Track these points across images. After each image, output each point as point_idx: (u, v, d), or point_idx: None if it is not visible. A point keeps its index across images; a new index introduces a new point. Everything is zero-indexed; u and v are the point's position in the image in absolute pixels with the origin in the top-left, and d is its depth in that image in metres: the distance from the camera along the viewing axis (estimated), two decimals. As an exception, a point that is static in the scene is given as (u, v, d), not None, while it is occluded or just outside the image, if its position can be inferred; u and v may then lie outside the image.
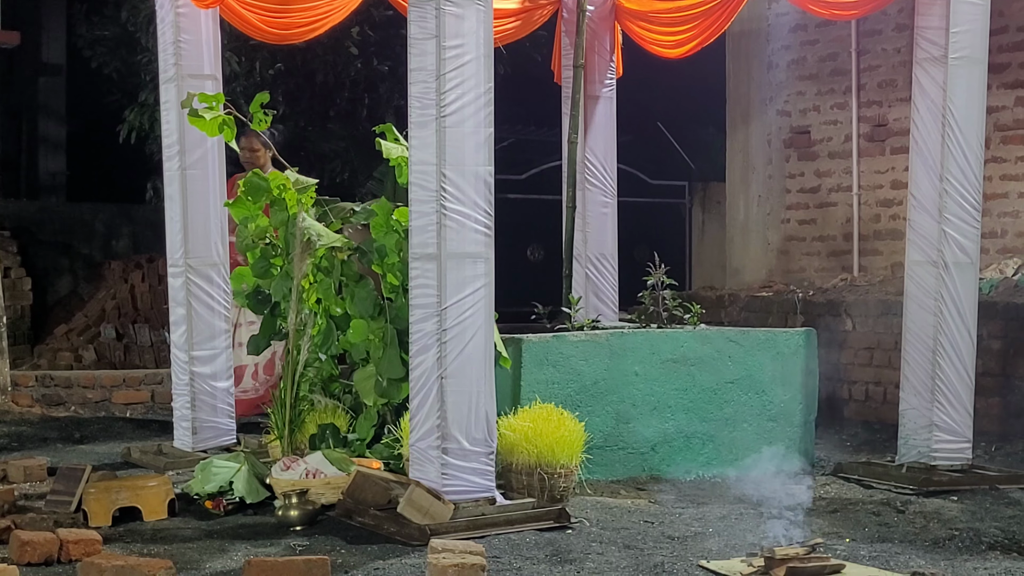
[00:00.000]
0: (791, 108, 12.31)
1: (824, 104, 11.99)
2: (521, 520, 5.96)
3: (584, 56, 8.74)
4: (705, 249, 15.89)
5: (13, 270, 12.94)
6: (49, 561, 5.27)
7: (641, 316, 7.87)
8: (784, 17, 12.08)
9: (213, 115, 7.26)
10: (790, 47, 12.25)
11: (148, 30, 11.96)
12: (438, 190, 5.83)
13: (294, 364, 7.03)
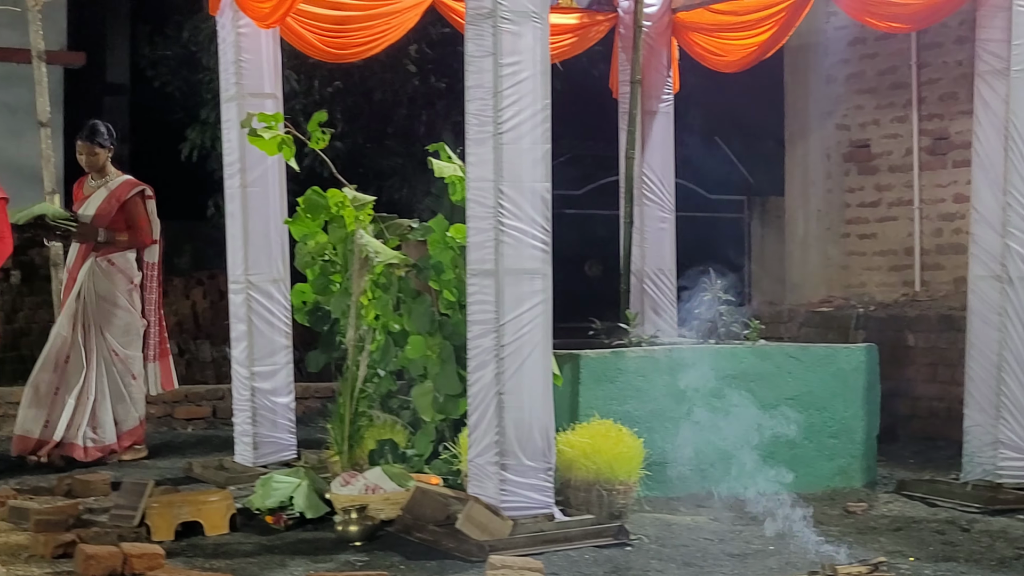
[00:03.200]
0: (850, 122, 12.23)
1: (884, 118, 11.91)
2: (580, 537, 5.95)
3: (641, 71, 8.75)
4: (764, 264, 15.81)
5: (78, 287, 13.08)
6: (113, 575, 5.32)
7: (699, 332, 7.85)
8: (843, 31, 12.01)
9: (272, 134, 7.32)
10: (849, 60, 12.18)
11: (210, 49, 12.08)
12: (495, 206, 5.85)
13: (353, 380, 7.06)
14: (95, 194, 8.61)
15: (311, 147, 7.42)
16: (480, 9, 5.91)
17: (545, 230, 5.94)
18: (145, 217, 8.63)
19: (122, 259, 8.56)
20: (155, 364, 8.75)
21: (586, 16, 9.05)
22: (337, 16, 8.20)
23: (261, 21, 7.70)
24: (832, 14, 12.00)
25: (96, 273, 8.46)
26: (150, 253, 8.71)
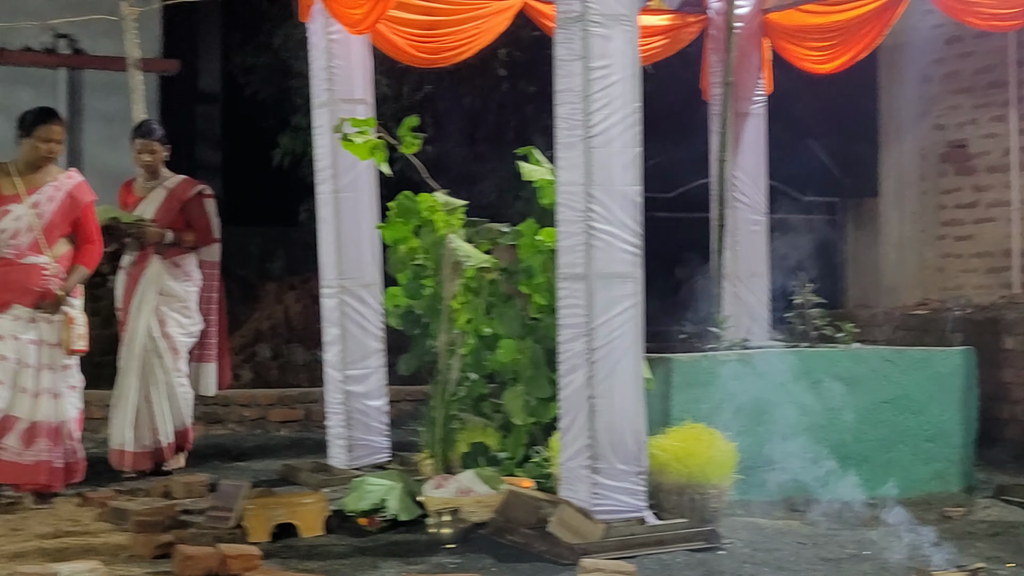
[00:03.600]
0: (946, 122, 12.08)
1: (981, 117, 11.74)
2: (672, 540, 5.93)
3: (732, 73, 8.69)
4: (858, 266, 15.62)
5: (173, 292, 13.25)
6: (210, 575, 5.39)
7: (791, 335, 7.78)
8: (939, 29, 11.86)
9: (364, 139, 7.38)
10: (945, 60, 12.03)
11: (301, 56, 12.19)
12: (585, 210, 5.84)
13: (445, 383, 7.10)
14: (151, 195, 8.31)
15: (402, 152, 7.47)
16: (569, 13, 5.91)
17: (636, 234, 5.92)
18: (206, 216, 8.40)
19: (186, 260, 8.33)
20: (213, 364, 8.55)
21: (677, 18, 9.02)
22: (428, 21, 8.24)
23: (352, 27, 7.76)
24: (927, 12, 11.84)
25: (161, 274, 8.20)
26: (210, 252, 8.53)
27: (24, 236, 7.13)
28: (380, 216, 7.94)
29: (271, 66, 14.96)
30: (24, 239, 7.13)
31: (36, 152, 7.24)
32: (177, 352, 8.20)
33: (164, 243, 8.18)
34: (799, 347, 7.58)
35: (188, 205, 8.31)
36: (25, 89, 15.36)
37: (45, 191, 7.22)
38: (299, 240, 14.24)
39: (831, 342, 7.67)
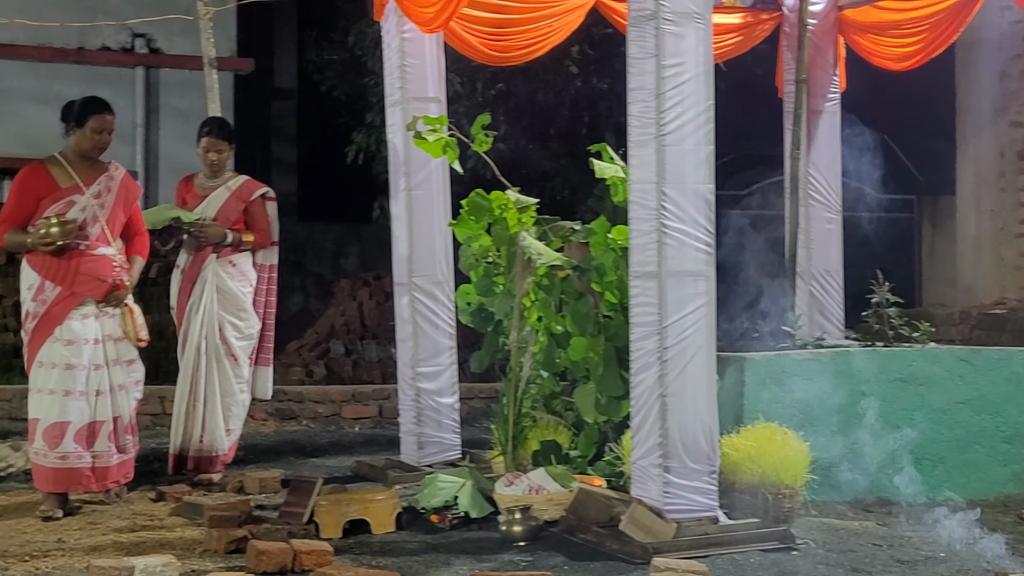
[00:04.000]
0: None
1: (1060, 114, 11.59)
2: (744, 540, 5.90)
3: (806, 70, 8.62)
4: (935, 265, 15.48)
5: (248, 288, 13.36)
6: (283, 571, 5.43)
7: (867, 334, 7.72)
8: (1017, 25, 11.71)
9: (437, 137, 7.40)
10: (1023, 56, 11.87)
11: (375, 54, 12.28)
12: (658, 208, 5.82)
13: (516, 381, 7.11)
14: (214, 194, 8.04)
15: (474, 150, 7.49)
16: (642, 11, 5.90)
17: (709, 232, 5.90)
18: (266, 218, 8.14)
19: (243, 260, 8.06)
20: (270, 368, 8.28)
21: (750, 15, 8.96)
22: (501, 19, 8.25)
23: (424, 26, 7.78)
24: (1006, 8, 11.70)
25: (220, 275, 7.96)
26: (266, 256, 8.22)
27: (92, 227, 6.97)
28: (452, 214, 7.96)
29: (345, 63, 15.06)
30: (93, 230, 6.98)
31: (89, 143, 7.04)
32: (236, 358, 7.98)
33: (224, 244, 7.96)
34: (874, 346, 7.51)
35: (250, 206, 8.09)
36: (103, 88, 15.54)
37: (101, 182, 7.06)
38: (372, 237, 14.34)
39: (907, 341, 7.59)
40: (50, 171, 6.99)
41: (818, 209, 8.92)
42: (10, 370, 11.76)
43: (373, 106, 13.27)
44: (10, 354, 11.92)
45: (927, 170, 16.18)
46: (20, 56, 15.22)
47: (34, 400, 6.88)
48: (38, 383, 6.88)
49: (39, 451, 6.81)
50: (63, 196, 6.96)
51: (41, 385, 6.86)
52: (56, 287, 6.87)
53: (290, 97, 18.55)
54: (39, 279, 6.91)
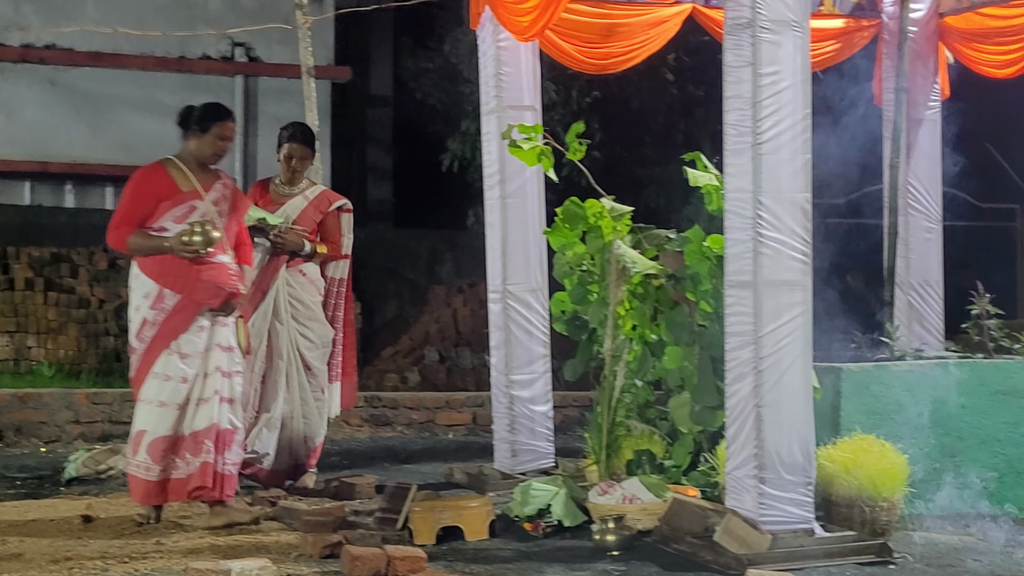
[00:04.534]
0: None
1: None
2: (840, 553, 5.84)
3: (906, 78, 8.52)
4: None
5: (344, 294, 13.48)
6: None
7: (966, 346, 7.60)
8: (1123, 30, 11.47)
9: (531, 145, 7.41)
10: None
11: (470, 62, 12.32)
12: (754, 217, 5.79)
13: (610, 390, 7.09)
14: (291, 202, 7.83)
15: (569, 158, 7.49)
16: (739, 19, 5.87)
17: (805, 241, 5.85)
18: (339, 231, 7.95)
19: (313, 270, 7.84)
20: (337, 384, 8.02)
21: (849, 22, 8.88)
22: (597, 27, 8.26)
23: (520, 35, 7.80)
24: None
25: (291, 285, 7.74)
26: (336, 268, 8.02)
27: None
28: (547, 221, 7.97)
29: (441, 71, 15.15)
30: None
31: (211, 149, 6.87)
32: (310, 369, 7.79)
33: (299, 254, 7.74)
34: (974, 358, 7.40)
35: (327, 218, 7.91)
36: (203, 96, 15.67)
37: (217, 189, 6.89)
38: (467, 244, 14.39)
39: (1007, 353, 7.47)
40: (169, 173, 6.79)
41: (918, 218, 8.81)
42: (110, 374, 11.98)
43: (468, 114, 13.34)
44: (111, 358, 12.14)
45: (1030, 178, 15.91)
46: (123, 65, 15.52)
47: (144, 412, 6.65)
48: (150, 394, 6.64)
49: (140, 464, 6.60)
50: (184, 200, 6.77)
51: (153, 397, 6.63)
52: (175, 295, 6.65)
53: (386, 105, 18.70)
54: (156, 287, 6.68)
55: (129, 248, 6.73)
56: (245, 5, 15.91)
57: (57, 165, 15.32)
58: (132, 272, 6.81)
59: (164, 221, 6.72)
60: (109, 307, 12.50)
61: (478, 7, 8.14)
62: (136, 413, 6.71)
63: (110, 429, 9.96)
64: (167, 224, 6.71)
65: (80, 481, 8.05)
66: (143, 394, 6.68)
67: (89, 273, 12.86)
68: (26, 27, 14.96)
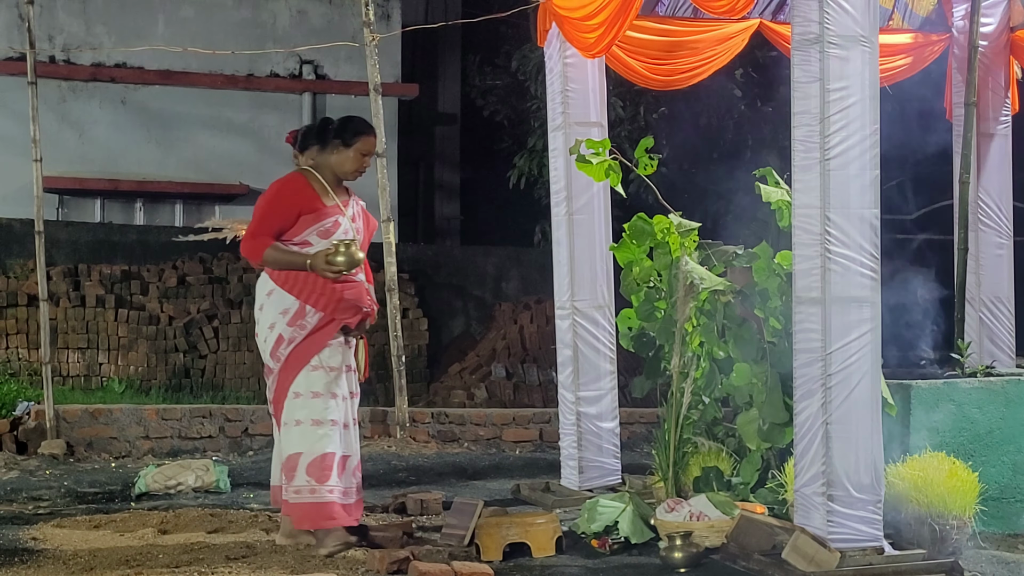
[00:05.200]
0: None
1: None
2: (910, 572, 5.79)
3: (976, 93, 8.45)
4: (1111, 290, 15.00)
5: (411, 311, 13.57)
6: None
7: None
8: None
9: (600, 160, 7.42)
10: None
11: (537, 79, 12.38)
12: (822, 233, 5.76)
13: (678, 406, 7.08)
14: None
15: (638, 173, 7.49)
16: (807, 35, 5.85)
17: (874, 257, 5.81)
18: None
19: None
20: None
21: (919, 36, 8.82)
22: (664, 43, 8.25)
23: (586, 51, 7.82)
24: None
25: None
26: None
27: None
28: (614, 237, 7.97)
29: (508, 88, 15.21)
30: None
31: (354, 165, 6.56)
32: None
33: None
34: (1046, 375, 7.32)
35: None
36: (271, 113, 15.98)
37: (352, 205, 6.63)
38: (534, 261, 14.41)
39: (1081, 370, 7.38)
40: (312, 185, 6.50)
41: (988, 234, 8.72)
42: (180, 390, 12.10)
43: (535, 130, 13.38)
44: (180, 374, 12.27)
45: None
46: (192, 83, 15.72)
47: (295, 434, 6.33)
48: (297, 414, 6.33)
49: (302, 488, 6.29)
50: (329, 215, 6.50)
51: (302, 416, 6.32)
52: (317, 312, 6.37)
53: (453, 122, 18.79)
54: (296, 303, 6.38)
55: (265, 261, 6.40)
56: (313, 23, 16.06)
57: (127, 183, 15.53)
58: (263, 287, 6.50)
59: (308, 235, 6.45)
60: (178, 324, 12.64)
61: (545, 24, 8.17)
62: (286, 436, 6.36)
63: (179, 445, 10.06)
64: (311, 239, 6.44)
65: (150, 496, 8.14)
66: (288, 415, 6.36)
67: (159, 290, 13.02)
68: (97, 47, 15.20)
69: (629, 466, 8.39)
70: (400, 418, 10.51)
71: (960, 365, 7.42)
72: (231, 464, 9.36)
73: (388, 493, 7.96)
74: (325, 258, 6.31)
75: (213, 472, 8.39)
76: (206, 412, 10.31)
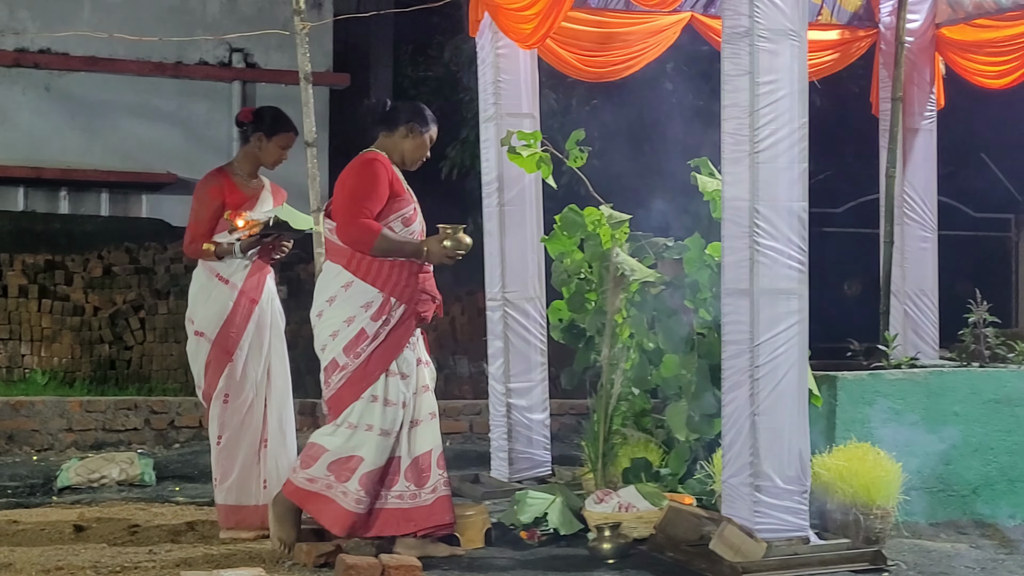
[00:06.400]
0: None
1: None
2: (835, 561, 5.85)
3: (903, 88, 8.54)
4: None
5: (340, 302, 13.46)
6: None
7: (962, 354, 7.62)
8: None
9: (531, 152, 7.42)
10: (1126, 72, 11.65)
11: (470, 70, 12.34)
12: (751, 226, 5.79)
13: (607, 398, 7.10)
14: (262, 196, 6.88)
15: (569, 165, 7.50)
16: (737, 28, 5.88)
17: (801, 250, 5.86)
18: None
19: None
20: None
21: (847, 32, 8.89)
22: (597, 35, 8.27)
23: (522, 42, 7.82)
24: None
25: (274, 294, 6.89)
26: None
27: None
28: (545, 229, 7.98)
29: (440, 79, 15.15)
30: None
31: (422, 152, 6.43)
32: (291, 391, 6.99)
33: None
34: (969, 367, 7.41)
35: None
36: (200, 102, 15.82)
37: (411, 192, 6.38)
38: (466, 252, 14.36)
39: (1003, 362, 7.48)
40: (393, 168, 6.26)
41: (913, 228, 8.82)
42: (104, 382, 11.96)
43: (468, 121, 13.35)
44: (105, 366, 12.12)
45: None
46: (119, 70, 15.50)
47: (359, 439, 5.98)
48: (369, 419, 5.99)
49: (351, 494, 5.96)
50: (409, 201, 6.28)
51: (373, 422, 5.99)
52: (400, 305, 6.09)
53: (385, 112, 18.67)
54: (380, 295, 6.05)
55: (376, 249, 6.02)
56: (243, 11, 15.92)
57: (51, 171, 15.28)
58: (335, 278, 6.12)
59: (392, 221, 6.15)
60: (104, 315, 12.47)
61: (478, 14, 8.15)
62: (349, 437, 6.01)
63: (103, 437, 9.94)
64: (395, 225, 6.15)
65: (72, 490, 8.04)
66: (359, 416, 6.01)
67: (83, 280, 12.84)
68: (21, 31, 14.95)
69: (559, 457, 8.40)
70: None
71: (886, 357, 7.50)
72: (156, 457, 9.28)
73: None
74: (442, 245, 6.12)
75: (138, 465, 8.31)
76: (131, 404, 10.20)
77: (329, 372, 6.08)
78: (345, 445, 5.97)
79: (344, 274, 6.07)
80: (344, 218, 6.04)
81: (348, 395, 6.01)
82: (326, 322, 6.08)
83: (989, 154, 16.05)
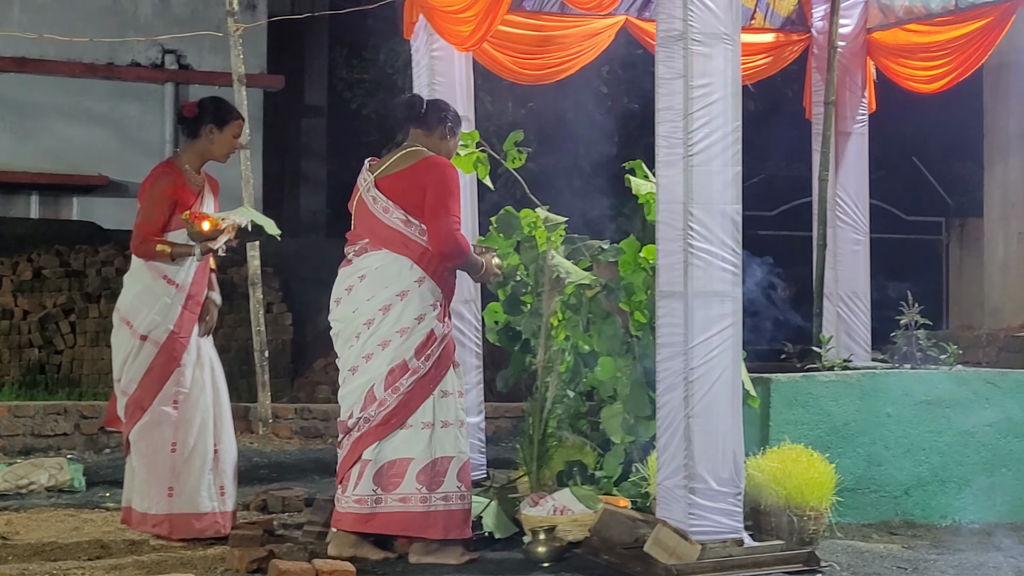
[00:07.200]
0: (1055, 141, 11.87)
1: (1091, 137, 11.53)
2: (769, 563, 5.87)
3: (835, 92, 8.61)
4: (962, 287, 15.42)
5: (275, 305, 13.41)
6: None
7: (894, 356, 7.69)
8: (1047, 47, 11.66)
9: (467, 152, 7.41)
10: (1053, 78, 11.83)
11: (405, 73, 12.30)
12: (685, 228, 5.81)
13: (543, 400, 7.09)
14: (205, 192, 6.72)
15: (506, 166, 7.49)
16: (671, 31, 5.89)
17: (735, 252, 5.88)
18: None
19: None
20: None
21: (780, 36, 8.94)
22: (532, 38, 8.26)
23: (459, 45, 7.80)
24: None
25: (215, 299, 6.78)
26: None
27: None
28: (480, 231, 7.95)
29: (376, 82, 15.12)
30: None
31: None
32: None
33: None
34: (901, 369, 7.48)
35: None
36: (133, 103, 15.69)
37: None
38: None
39: (934, 364, 7.56)
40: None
41: (846, 231, 8.88)
42: (34, 386, 11.81)
43: (402, 124, 13.31)
44: (35, 370, 11.98)
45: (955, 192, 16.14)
46: (49, 71, 15.35)
47: (451, 435, 6.06)
48: (449, 415, 6.08)
49: (453, 494, 6.03)
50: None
51: (454, 418, 6.08)
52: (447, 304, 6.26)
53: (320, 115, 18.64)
54: (441, 295, 6.18)
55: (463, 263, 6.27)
56: (176, 12, 15.80)
57: (-20, 173, 15.10)
58: (411, 273, 6.11)
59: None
60: (33, 318, 12.32)
61: (412, 17, 8.12)
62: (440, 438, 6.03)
63: (32, 443, 9.81)
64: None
65: (0, 496, 7.92)
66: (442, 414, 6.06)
67: (12, 283, 12.67)
68: (-52, 32, 14.77)
69: (494, 461, 8.39)
70: (262, 414, 10.40)
71: (819, 358, 7.56)
72: (86, 462, 9.16)
73: (250, 490, 7.83)
74: (493, 264, 6.42)
75: (67, 471, 8.21)
76: (61, 409, 10.06)
77: (396, 375, 6.03)
78: (428, 449, 6.00)
79: (417, 269, 6.12)
80: (446, 226, 6.09)
81: (418, 397, 6.03)
82: (394, 317, 6.06)
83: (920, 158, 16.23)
